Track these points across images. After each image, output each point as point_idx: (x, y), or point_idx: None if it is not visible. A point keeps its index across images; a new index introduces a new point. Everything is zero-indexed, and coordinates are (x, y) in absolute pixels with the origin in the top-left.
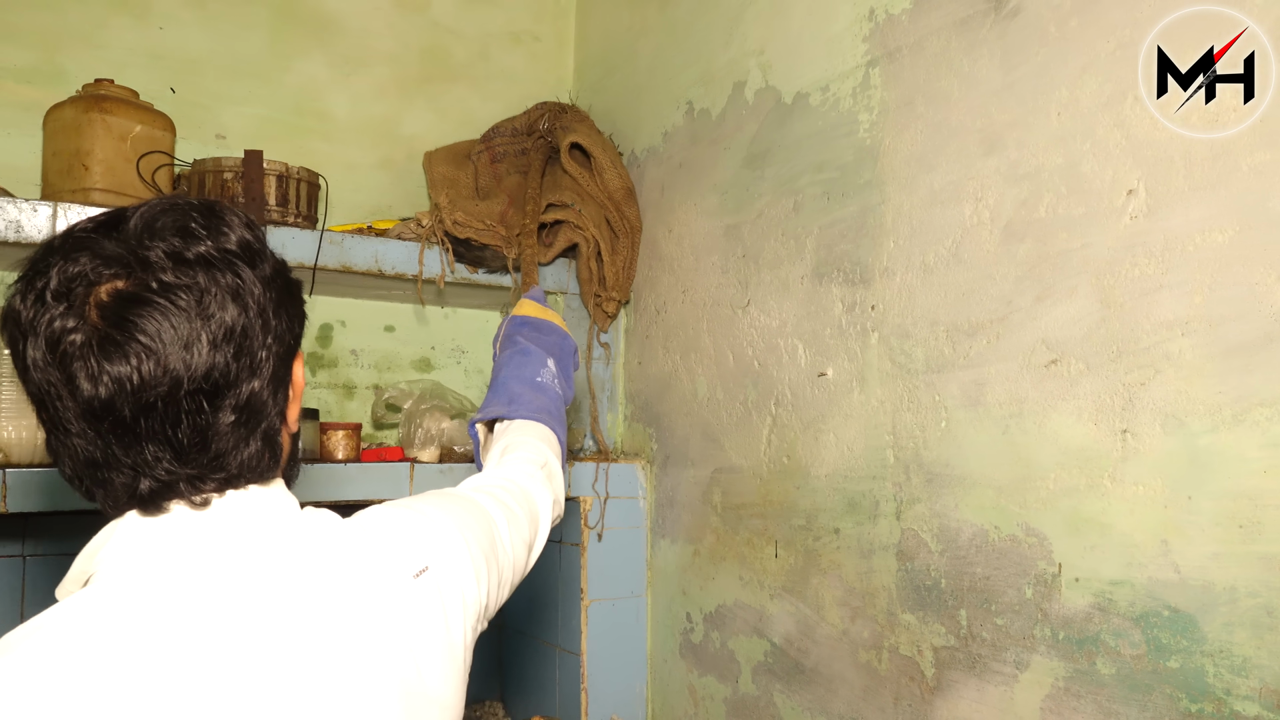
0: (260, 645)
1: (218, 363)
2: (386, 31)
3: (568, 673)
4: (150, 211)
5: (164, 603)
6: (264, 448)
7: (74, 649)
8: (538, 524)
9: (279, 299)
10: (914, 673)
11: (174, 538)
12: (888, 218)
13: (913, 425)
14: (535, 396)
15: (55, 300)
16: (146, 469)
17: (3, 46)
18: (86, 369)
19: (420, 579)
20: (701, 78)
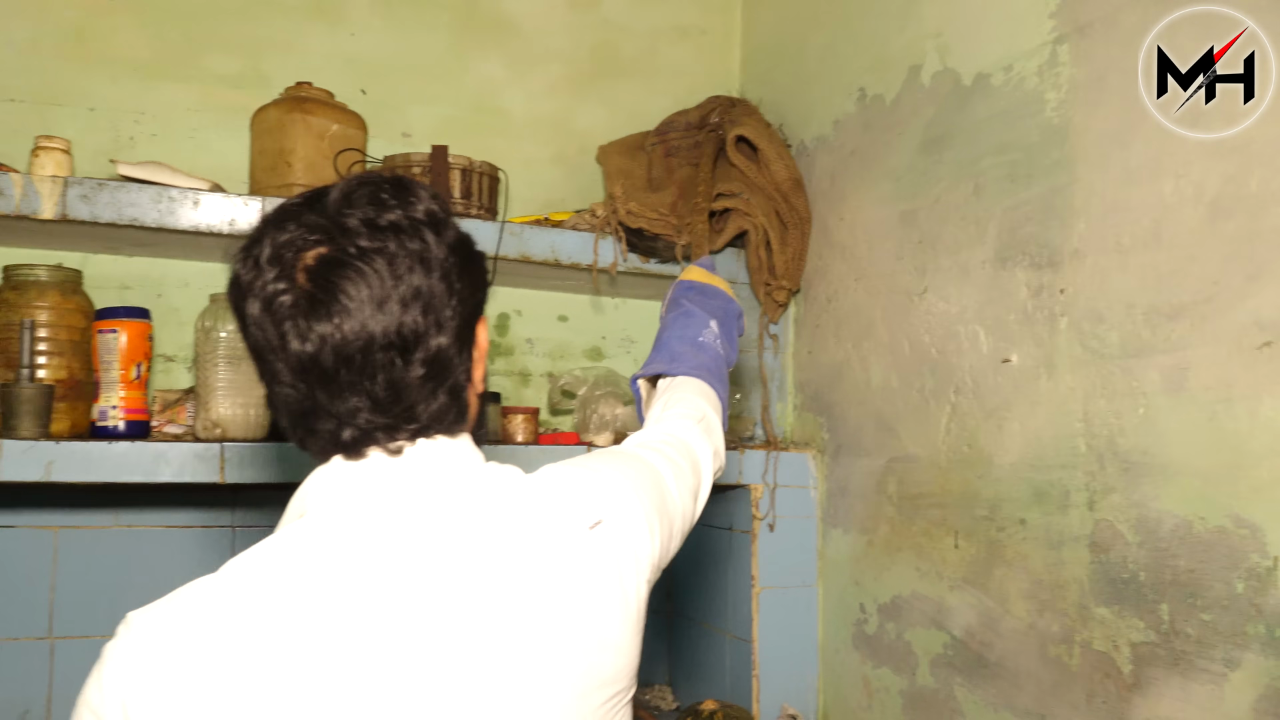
0: (446, 580)
1: (407, 321)
2: (559, 30)
3: (738, 659)
4: (347, 185)
5: (364, 535)
6: (451, 402)
7: (291, 568)
8: (700, 475)
9: (462, 265)
10: (1109, 669)
11: (372, 480)
12: (1078, 198)
13: (1107, 412)
14: (696, 354)
15: (269, 265)
16: (348, 418)
17: (214, 56)
18: (296, 327)
19: (595, 531)
20: (874, 63)
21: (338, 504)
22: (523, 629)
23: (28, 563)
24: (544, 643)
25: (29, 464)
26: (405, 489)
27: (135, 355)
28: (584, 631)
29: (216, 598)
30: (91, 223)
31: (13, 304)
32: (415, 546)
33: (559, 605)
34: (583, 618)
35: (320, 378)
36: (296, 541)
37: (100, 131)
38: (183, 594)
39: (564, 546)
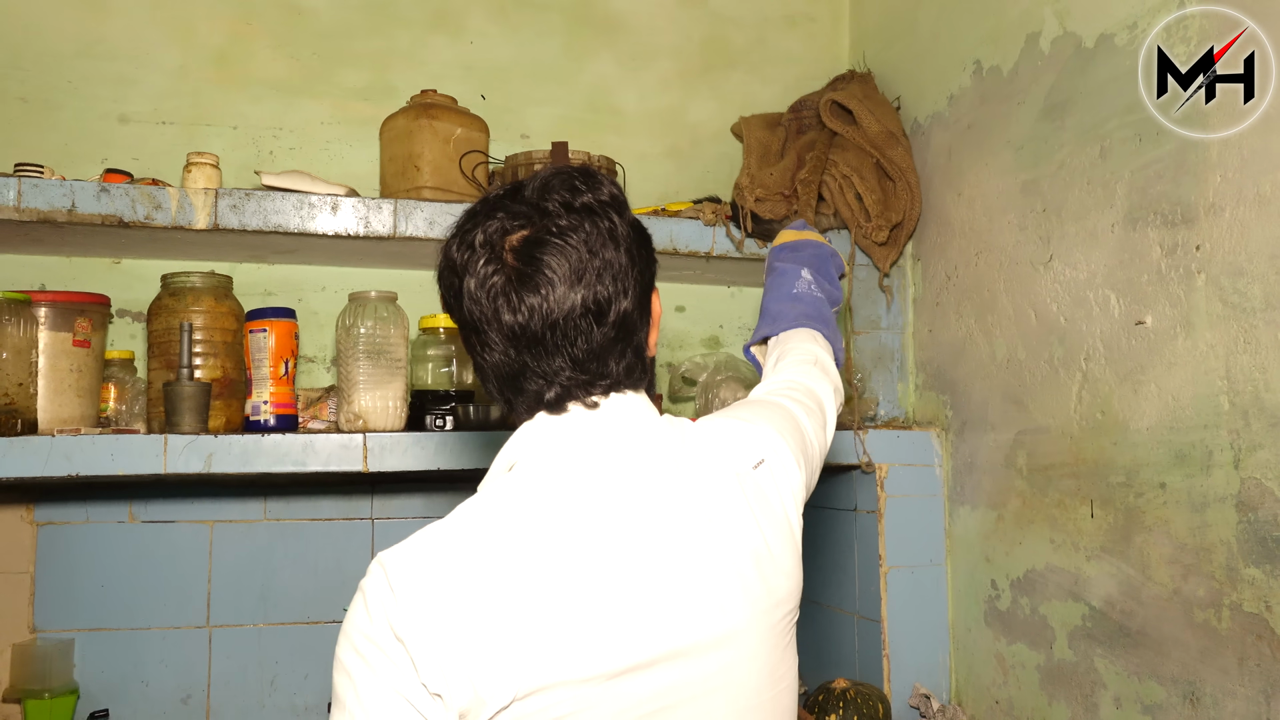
0: (643, 515)
1: (600, 290)
2: (668, 26)
3: (867, 640)
4: (543, 177)
5: (572, 480)
6: (635, 360)
7: (516, 506)
8: (825, 411)
9: (639, 241)
10: (1262, 631)
11: (575, 431)
12: (1212, 152)
13: (1250, 367)
14: (792, 307)
15: (481, 249)
16: (552, 377)
17: (345, 71)
18: (509, 302)
19: (759, 469)
20: (990, 35)
21: (548, 452)
22: (713, 554)
23: (187, 555)
24: (731, 567)
25: (191, 457)
26: (605, 436)
27: (283, 353)
28: (761, 555)
29: (450, 537)
30: (240, 230)
31: (171, 309)
32: (618, 486)
33: (739, 534)
34: (759, 544)
35: (530, 343)
36: (514, 490)
37: (243, 148)
38: (421, 535)
39: (737, 484)
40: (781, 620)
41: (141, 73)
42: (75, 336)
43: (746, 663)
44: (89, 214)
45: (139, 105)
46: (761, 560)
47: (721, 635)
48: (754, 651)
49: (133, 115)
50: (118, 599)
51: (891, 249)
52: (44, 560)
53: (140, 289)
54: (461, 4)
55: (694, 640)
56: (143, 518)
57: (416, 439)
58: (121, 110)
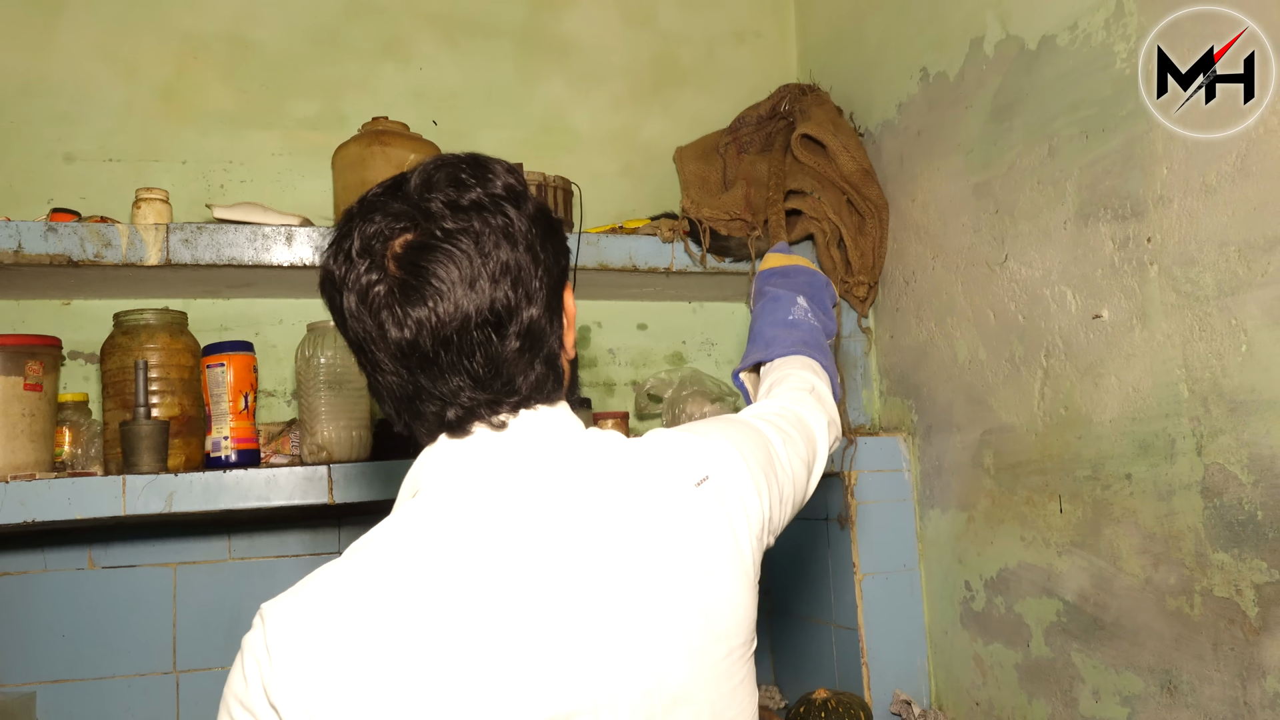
0: (562, 544)
1: (498, 296)
2: (618, 46)
3: (845, 649)
4: (425, 170)
5: (479, 507)
6: (547, 371)
7: (412, 544)
8: (815, 445)
9: (544, 234)
10: (1234, 615)
11: (480, 455)
12: (1158, 145)
13: (1207, 354)
14: (789, 333)
15: (360, 257)
16: (451, 398)
17: (294, 101)
18: (393, 315)
19: (702, 488)
20: (935, 41)
21: (449, 481)
22: (639, 587)
23: (151, 600)
24: (661, 600)
25: (151, 497)
26: (513, 460)
27: (242, 387)
28: (699, 586)
29: (345, 581)
30: (193, 265)
31: (125, 348)
32: (529, 515)
33: (672, 562)
34: (697, 572)
35: (421, 361)
36: (414, 520)
37: (193, 182)
38: (312, 581)
39: (673, 504)
40: (726, 659)
41: (86, 110)
42: (26, 380)
43: (684, 711)
44: (36, 254)
45: (85, 143)
46: (700, 591)
47: (652, 683)
48: (692, 697)
49: (79, 153)
50: (80, 648)
51: (869, 297)
52: (2, 612)
53: (92, 329)
54: (410, 31)
55: (615, 688)
56: (103, 563)
57: (382, 468)
58: (67, 149)
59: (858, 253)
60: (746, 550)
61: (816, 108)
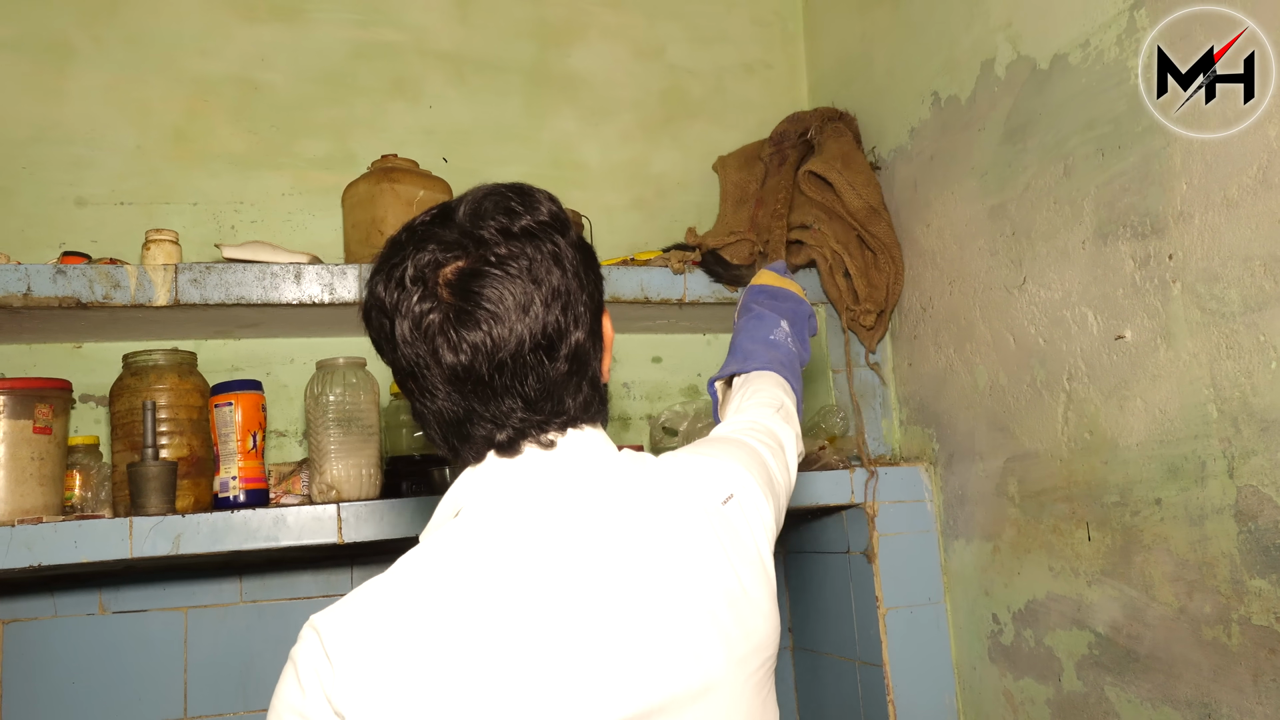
0: (609, 560)
1: (550, 320)
2: (627, 80)
3: (870, 687)
4: (474, 198)
5: (525, 526)
6: (592, 392)
7: (463, 557)
8: (786, 453)
9: (585, 261)
10: (1275, 644)
11: (530, 473)
12: (1176, 160)
13: (1236, 373)
14: (768, 351)
15: (413, 285)
16: (503, 419)
17: (304, 141)
18: (448, 341)
19: (728, 505)
20: (945, 66)
21: (498, 497)
22: (685, 599)
23: (161, 645)
24: (705, 612)
25: (158, 539)
26: (563, 477)
27: (250, 426)
28: (736, 599)
29: (391, 595)
30: (203, 305)
31: (134, 389)
32: (577, 531)
33: (712, 575)
34: (733, 586)
35: (475, 385)
36: (461, 537)
37: (204, 224)
38: (359, 594)
39: (706, 521)
40: (760, 669)
41: (98, 154)
42: (36, 423)
43: (726, 717)
44: (45, 296)
45: (96, 187)
46: (737, 602)
47: (698, 688)
48: (734, 705)
49: (90, 197)
50: (89, 695)
51: (879, 329)
52: (11, 660)
53: (103, 372)
54: (419, 70)
55: (668, 695)
56: (113, 608)
57: (392, 505)
58: (79, 193)
59: (864, 281)
60: (769, 563)
61: (832, 140)
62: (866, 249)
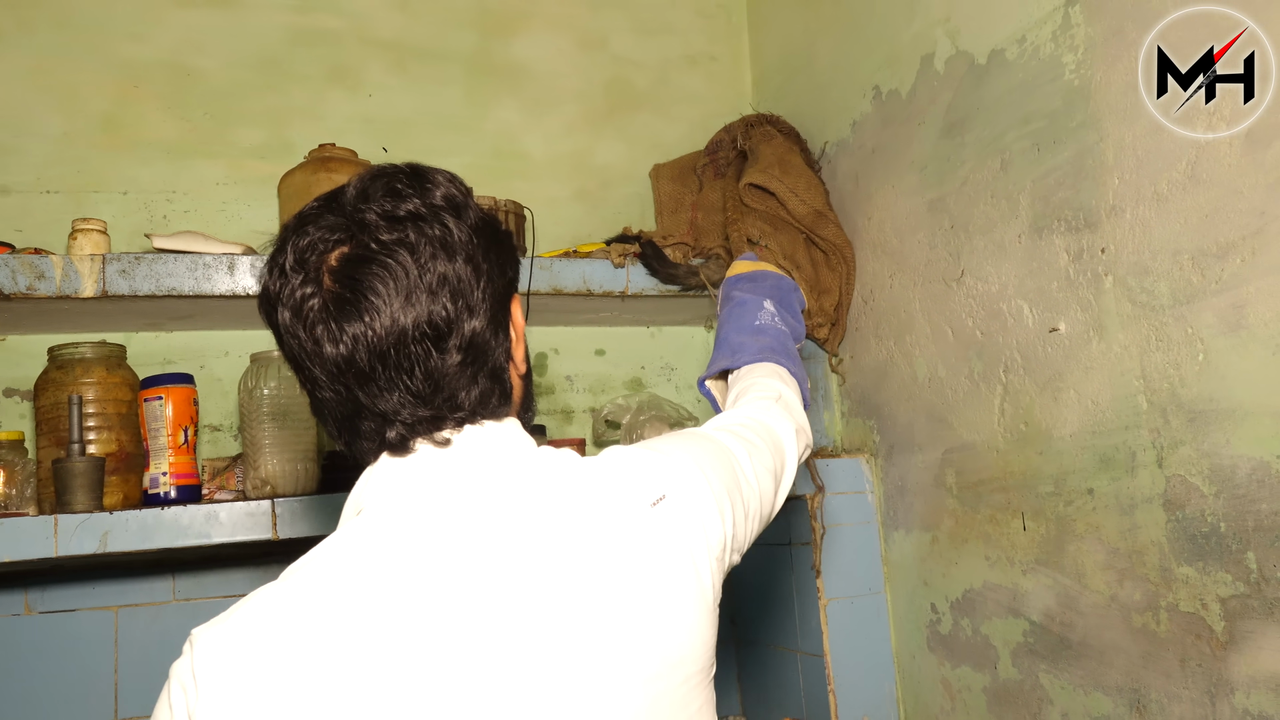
0: (508, 565)
1: (436, 309)
2: (571, 71)
3: (812, 677)
4: (362, 181)
5: (421, 528)
6: (492, 385)
7: (350, 566)
8: (783, 454)
9: (487, 245)
10: (1200, 630)
11: (422, 473)
12: (1108, 155)
13: (1165, 364)
14: (756, 339)
15: (294, 272)
16: (392, 415)
17: (239, 130)
18: (328, 331)
19: (658, 508)
20: (886, 60)
21: (392, 500)
22: (588, 612)
23: (91, 645)
24: (611, 625)
25: (85, 537)
26: (457, 478)
27: (182, 420)
28: (652, 611)
29: (280, 605)
30: (132, 296)
31: (59, 383)
32: (473, 535)
33: (623, 585)
34: (649, 596)
35: (358, 378)
36: (355, 541)
37: (134, 213)
38: (246, 605)
39: (625, 524)
40: (683, 685)
41: (22, 141)
42: None
43: None
44: None
45: (20, 175)
46: (653, 616)
47: (597, 706)
48: None
49: (14, 185)
50: (16, 698)
51: (836, 330)
52: None
53: (29, 365)
54: (359, 58)
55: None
56: (40, 608)
57: (329, 501)
58: (1, 181)
59: (814, 296)
60: (705, 573)
61: (764, 145)
62: (816, 249)
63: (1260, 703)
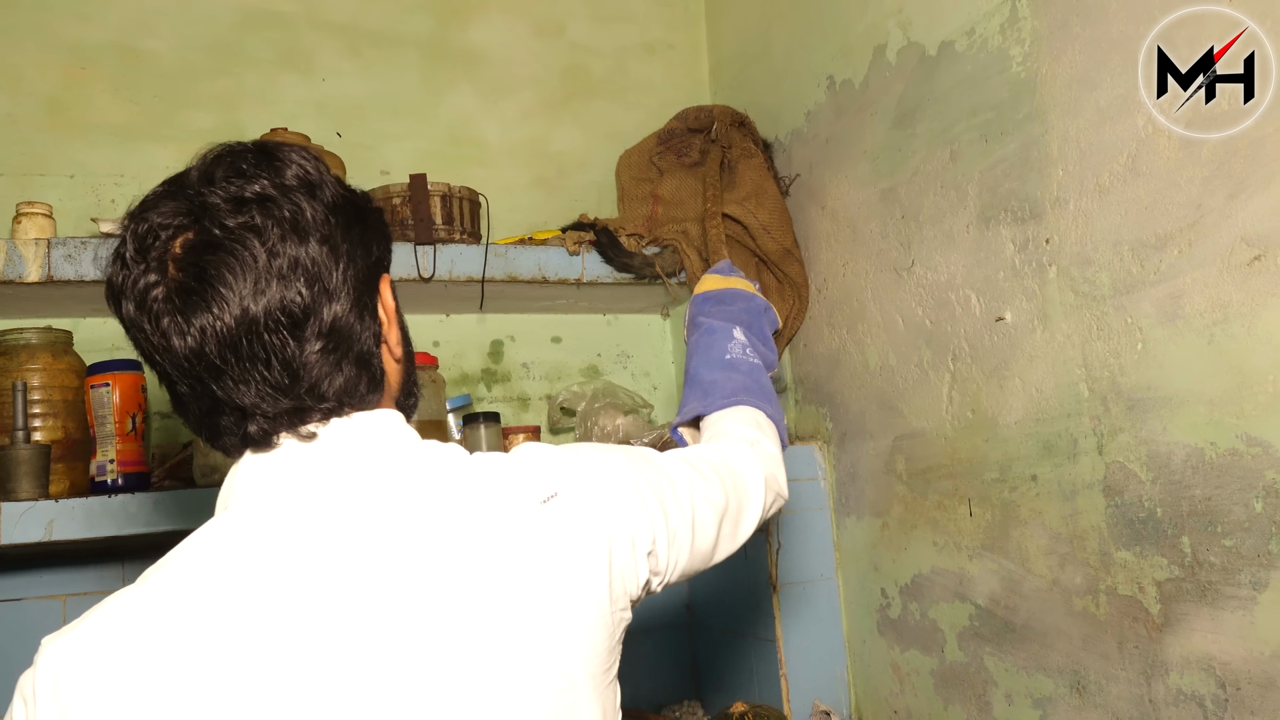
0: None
1: (290, 295)
2: (528, 57)
3: (764, 662)
4: (205, 161)
5: (284, 528)
6: (359, 372)
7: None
8: (741, 498)
9: (347, 224)
10: (1137, 612)
11: (285, 470)
12: (1053, 147)
13: (1105, 353)
14: (728, 378)
15: (135, 261)
16: (251, 409)
17: (189, 113)
18: (174, 323)
19: (548, 505)
20: (840, 50)
21: (254, 499)
22: (461, 613)
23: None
24: (486, 626)
25: (30, 525)
26: (323, 475)
27: (129, 407)
28: (532, 612)
29: (132, 611)
30: (78, 281)
31: (4, 369)
32: (339, 535)
33: (502, 585)
34: (531, 597)
35: (210, 372)
36: (214, 542)
37: (82, 197)
38: (97, 613)
39: (509, 522)
40: (565, 693)
41: None
42: None
43: None
44: None
45: None
46: (531, 618)
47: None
48: None
49: None
50: None
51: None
52: None
53: None
54: (312, 42)
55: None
56: None
57: None
58: None
59: None
60: (600, 574)
61: (743, 163)
62: (776, 281)
63: (1193, 682)
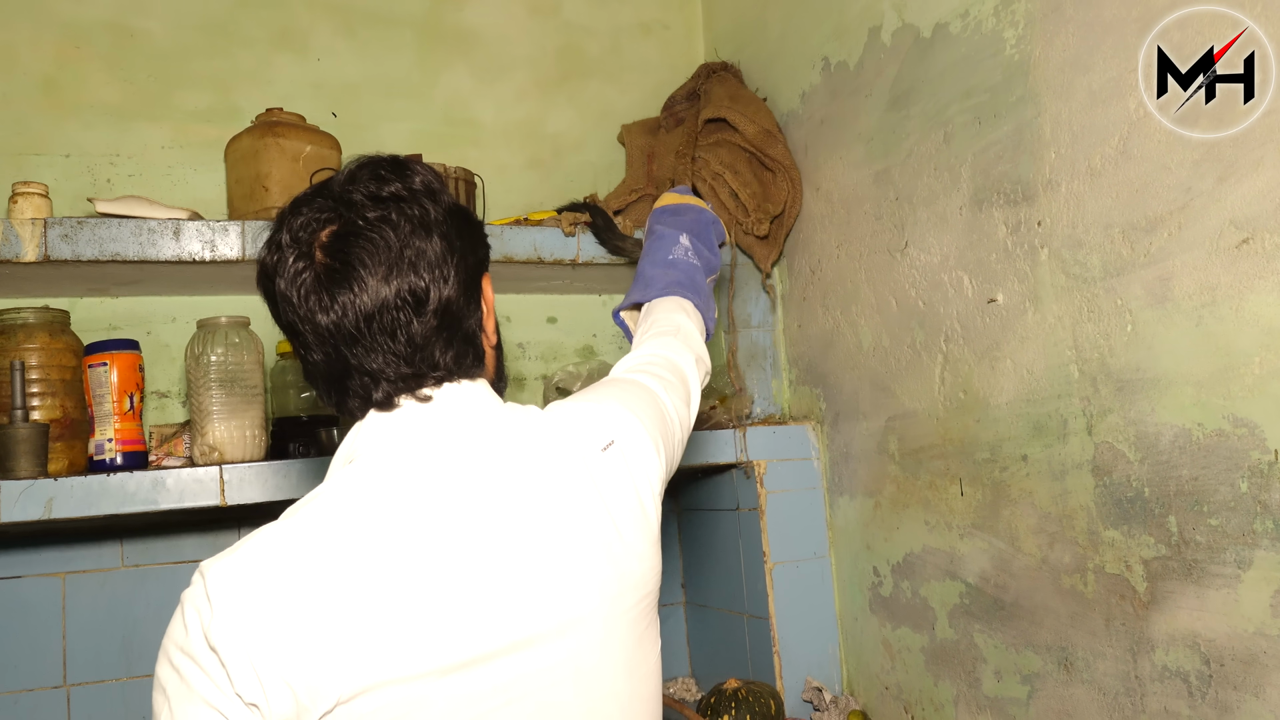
0: (481, 506)
1: (415, 280)
2: (523, 37)
3: (757, 639)
4: (348, 169)
5: (407, 473)
6: (465, 347)
7: (347, 506)
8: (687, 384)
9: (460, 227)
10: (1124, 590)
11: (408, 426)
12: (1046, 129)
13: (1095, 335)
14: (665, 273)
15: (289, 248)
16: (377, 375)
17: (185, 93)
18: (320, 300)
19: (608, 452)
20: (835, 32)
21: (382, 450)
22: (555, 539)
23: (39, 611)
24: (576, 553)
25: (29, 503)
26: (439, 428)
27: (127, 387)
28: (610, 541)
29: (278, 540)
30: (75, 261)
31: (1, 349)
32: (454, 478)
33: (585, 518)
34: (606, 528)
35: (347, 341)
36: (350, 485)
37: (77, 177)
38: (252, 540)
39: (583, 467)
40: (635, 606)
41: None
42: None
43: (597, 650)
44: None
45: None
46: (611, 545)
47: (565, 622)
48: (604, 639)
49: None
50: None
51: (773, 247)
52: None
53: None
54: (307, 22)
55: (536, 630)
56: None
57: (277, 468)
58: None
59: (759, 193)
60: (650, 506)
61: (718, 87)
62: (764, 169)
63: (1178, 659)
